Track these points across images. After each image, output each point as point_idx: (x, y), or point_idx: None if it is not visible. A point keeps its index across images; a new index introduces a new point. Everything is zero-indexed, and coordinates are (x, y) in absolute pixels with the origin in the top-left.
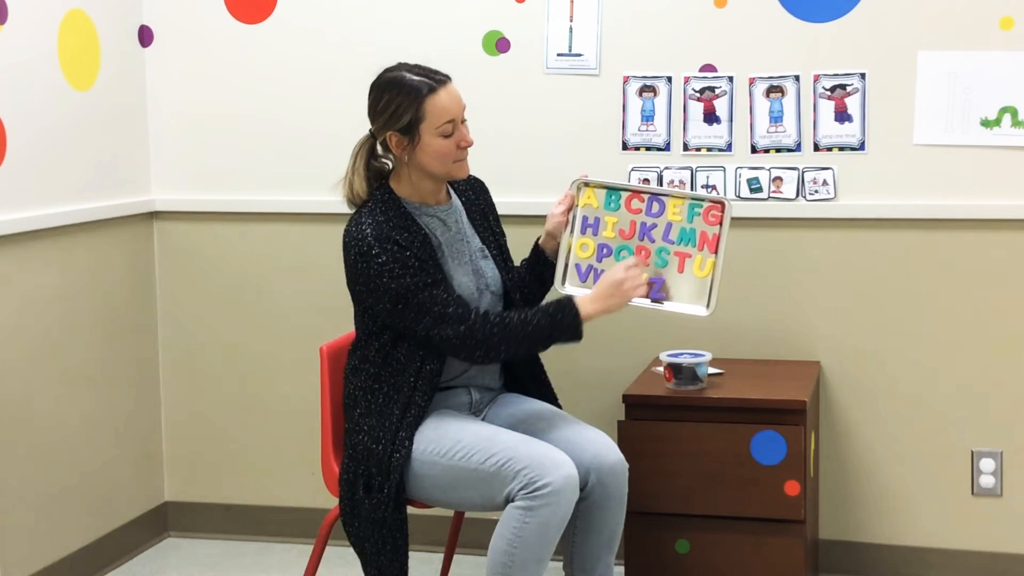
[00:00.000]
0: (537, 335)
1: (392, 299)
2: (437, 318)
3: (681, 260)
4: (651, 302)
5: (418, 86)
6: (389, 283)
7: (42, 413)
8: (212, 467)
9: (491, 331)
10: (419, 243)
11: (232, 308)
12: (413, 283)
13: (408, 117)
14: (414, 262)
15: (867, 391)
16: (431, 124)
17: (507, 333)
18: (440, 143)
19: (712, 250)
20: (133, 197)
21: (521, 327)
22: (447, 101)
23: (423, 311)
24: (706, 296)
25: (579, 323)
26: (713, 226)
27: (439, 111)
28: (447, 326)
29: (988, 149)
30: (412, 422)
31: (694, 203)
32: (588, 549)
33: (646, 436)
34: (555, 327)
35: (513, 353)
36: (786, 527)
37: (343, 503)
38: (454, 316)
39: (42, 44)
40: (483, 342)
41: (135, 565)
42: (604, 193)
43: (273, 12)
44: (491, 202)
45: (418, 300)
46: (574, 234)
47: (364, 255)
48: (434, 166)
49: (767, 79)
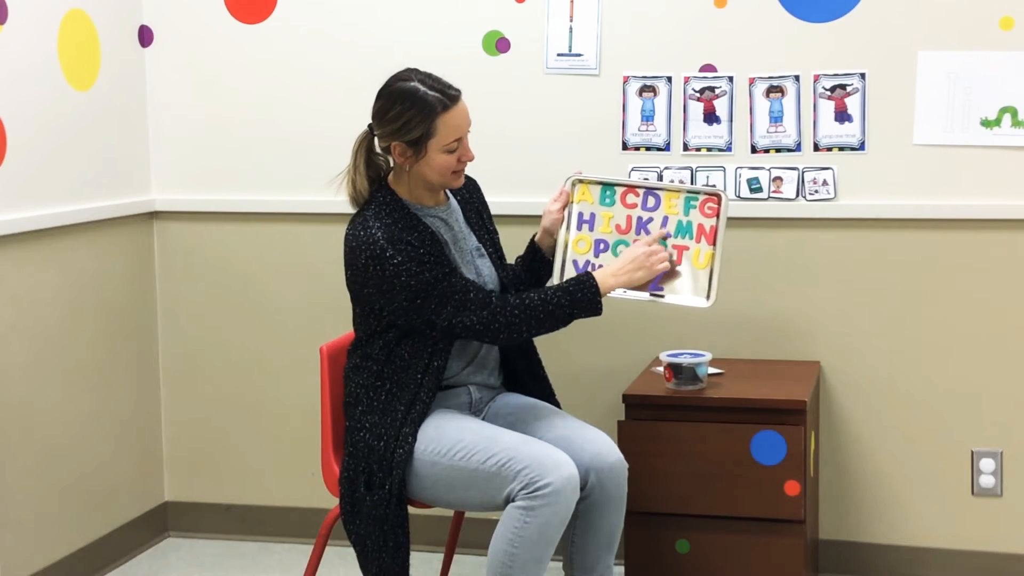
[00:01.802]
0: (559, 313)
1: (410, 296)
2: (459, 305)
3: (679, 253)
4: (651, 295)
5: (432, 103)
6: (408, 281)
7: (42, 413)
8: (212, 467)
9: (513, 312)
10: (429, 240)
11: (232, 308)
12: (432, 277)
13: (419, 132)
14: (429, 258)
15: (867, 391)
16: (440, 141)
17: (529, 313)
18: (444, 159)
19: (710, 242)
20: (133, 197)
21: (542, 306)
22: (458, 120)
23: (444, 301)
24: (706, 288)
25: (598, 297)
26: (710, 218)
27: (450, 130)
28: (470, 312)
29: (988, 149)
30: (416, 418)
31: (690, 196)
32: (588, 549)
33: (646, 436)
34: (575, 304)
35: (536, 332)
36: (786, 527)
37: (343, 502)
38: (475, 301)
39: (42, 44)
40: (506, 325)
41: (135, 565)
42: (599, 189)
43: (273, 12)
44: (484, 200)
45: (439, 291)
46: (570, 230)
47: (377, 258)
48: (433, 178)
49: (767, 79)
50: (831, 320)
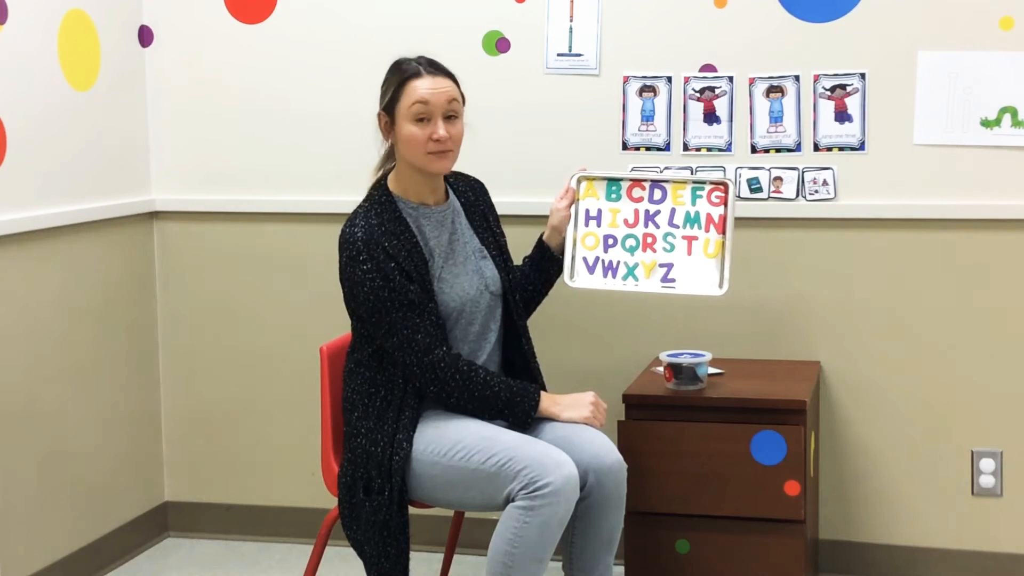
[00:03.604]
0: (492, 403)
1: (368, 310)
2: (404, 341)
3: (689, 243)
4: (662, 286)
5: (404, 69)
6: (368, 294)
7: (42, 413)
8: (212, 467)
9: (453, 376)
10: (406, 252)
11: (232, 308)
12: (389, 299)
13: (388, 96)
14: (396, 276)
15: (867, 391)
16: (403, 105)
17: (466, 385)
18: (411, 129)
19: (720, 231)
20: (133, 197)
21: (482, 387)
22: (422, 86)
23: (392, 331)
24: (718, 275)
25: (533, 413)
26: (717, 207)
27: (410, 96)
28: (411, 352)
29: (988, 149)
30: (408, 424)
31: (696, 186)
32: (587, 549)
33: (646, 436)
34: (509, 405)
35: (460, 406)
36: (786, 527)
37: (342, 506)
38: (420, 345)
39: (42, 44)
40: (441, 382)
41: (135, 565)
42: (605, 185)
43: (273, 12)
44: (491, 203)
45: (391, 319)
46: (578, 227)
47: (352, 258)
48: (408, 154)
49: (767, 79)
50: (831, 320)
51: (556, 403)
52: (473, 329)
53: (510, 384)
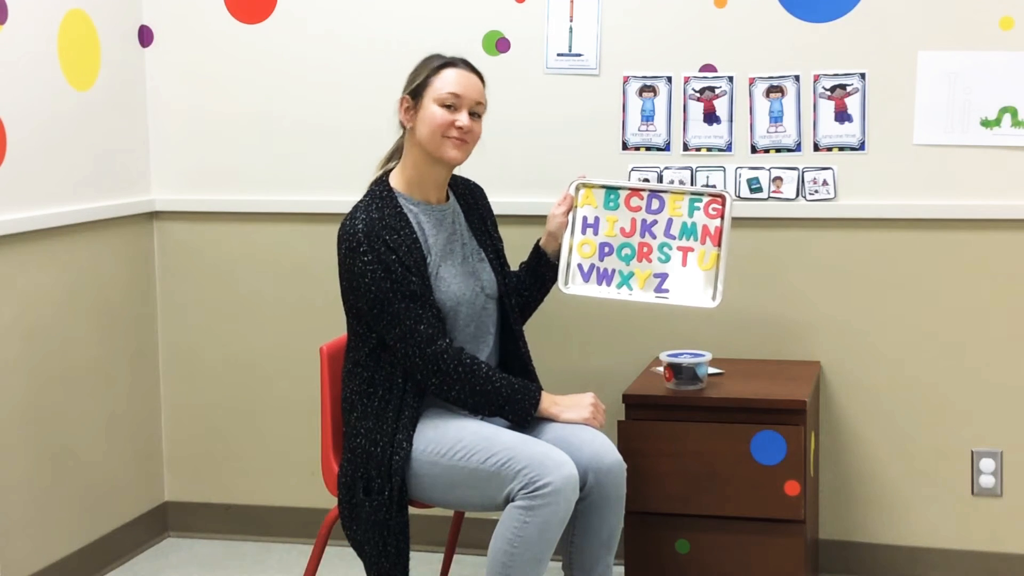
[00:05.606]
0: (492, 398)
1: (369, 302)
2: (406, 332)
3: (684, 255)
4: (656, 296)
5: (442, 57)
6: (370, 285)
7: (42, 413)
8: (212, 467)
9: (456, 368)
10: (407, 247)
11: (232, 308)
12: (391, 289)
13: (419, 81)
14: (397, 267)
15: (867, 391)
16: (434, 91)
17: (468, 378)
18: (436, 111)
19: (715, 243)
20: (133, 197)
21: (484, 381)
22: (456, 77)
23: (395, 322)
24: (712, 288)
25: (533, 411)
26: (714, 219)
27: (444, 81)
28: (413, 344)
29: (988, 149)
30: (407, 423)
31: (694, 198)
32: (587, 549)
33: (646, 436)
34: (509, 402)
35: (461, 399)
36: (786, 527)
37: (342, 506)
38: (423, 336)
39: (42, 44)
40: (443, 374)
41: (135, 565)
42: (603, 192)
43: (273, 12)
44: (489, 208)
45: (393, 309)
46: (575, 235)
47: (352, 251)
48: (426, 135)
49: (767, 79)
50: (831, 320)
51: (556, 403)
52: (469, 331)
53: (511, 381)
